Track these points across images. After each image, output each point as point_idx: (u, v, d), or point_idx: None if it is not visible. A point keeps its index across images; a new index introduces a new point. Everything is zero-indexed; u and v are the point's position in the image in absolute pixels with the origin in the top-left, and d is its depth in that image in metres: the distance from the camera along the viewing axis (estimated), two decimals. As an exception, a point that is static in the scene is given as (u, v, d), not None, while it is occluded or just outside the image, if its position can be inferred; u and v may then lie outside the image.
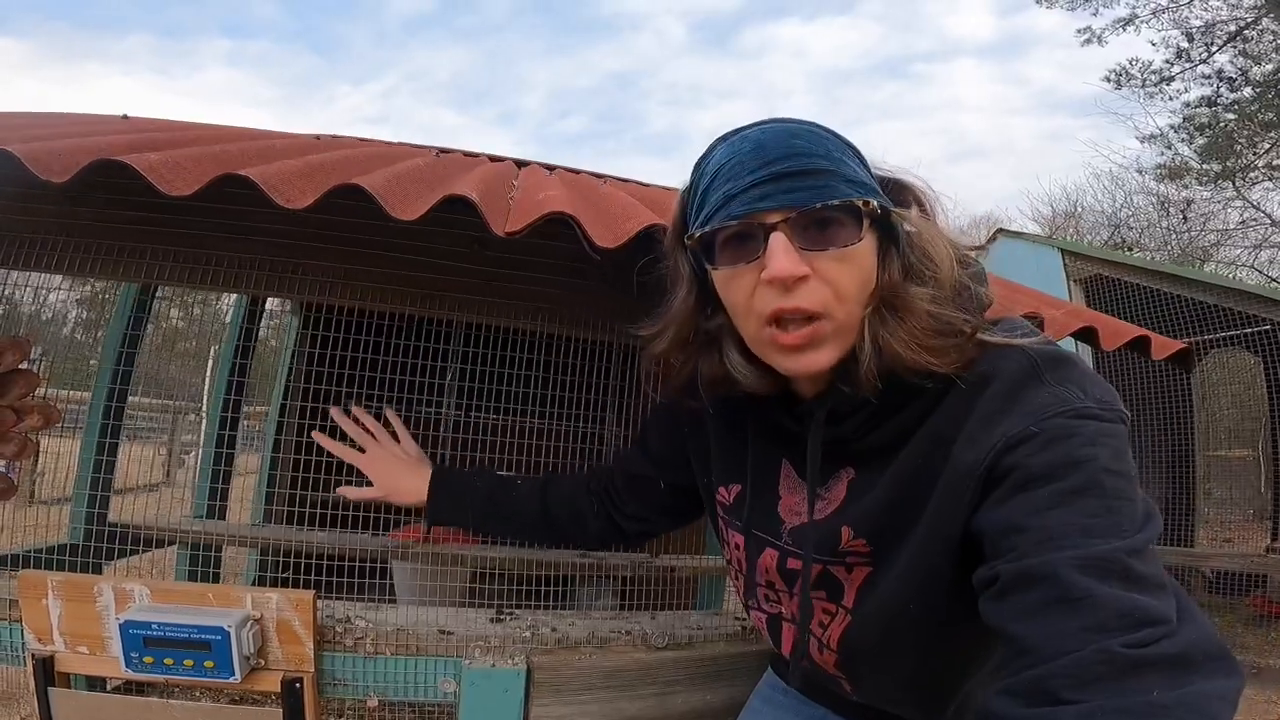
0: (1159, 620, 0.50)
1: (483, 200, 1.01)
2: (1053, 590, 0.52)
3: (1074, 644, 0.49)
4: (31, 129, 1.03)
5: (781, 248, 0.62)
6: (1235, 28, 10.61)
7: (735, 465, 0.86)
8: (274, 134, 1.44)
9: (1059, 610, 0.51)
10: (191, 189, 0.83)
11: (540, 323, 1.38)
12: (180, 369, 2.44)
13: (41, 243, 1.21)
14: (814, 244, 0.63)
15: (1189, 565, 3.99)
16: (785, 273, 0.62)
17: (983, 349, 0.65)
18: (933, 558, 0.66)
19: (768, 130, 0.66)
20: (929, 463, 0.66)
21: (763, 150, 0.64)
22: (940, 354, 0.64)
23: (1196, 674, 0.48)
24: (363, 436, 1.11)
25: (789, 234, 0.63)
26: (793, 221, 0.63)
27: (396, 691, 1.25)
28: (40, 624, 1.13)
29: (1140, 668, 0.47)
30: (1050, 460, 0.57)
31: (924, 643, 0.72)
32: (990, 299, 0.70)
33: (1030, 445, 0.58)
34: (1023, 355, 0.64)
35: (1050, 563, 0.53)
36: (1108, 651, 0.48)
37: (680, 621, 1.42)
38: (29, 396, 1.21)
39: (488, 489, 1.07)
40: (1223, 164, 11.38)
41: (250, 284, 1.30)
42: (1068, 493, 0.55)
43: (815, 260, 0.63)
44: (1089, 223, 15.67)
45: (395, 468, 1.09)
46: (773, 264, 0.62)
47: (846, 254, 0.64)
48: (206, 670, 1.09)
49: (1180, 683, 0.47)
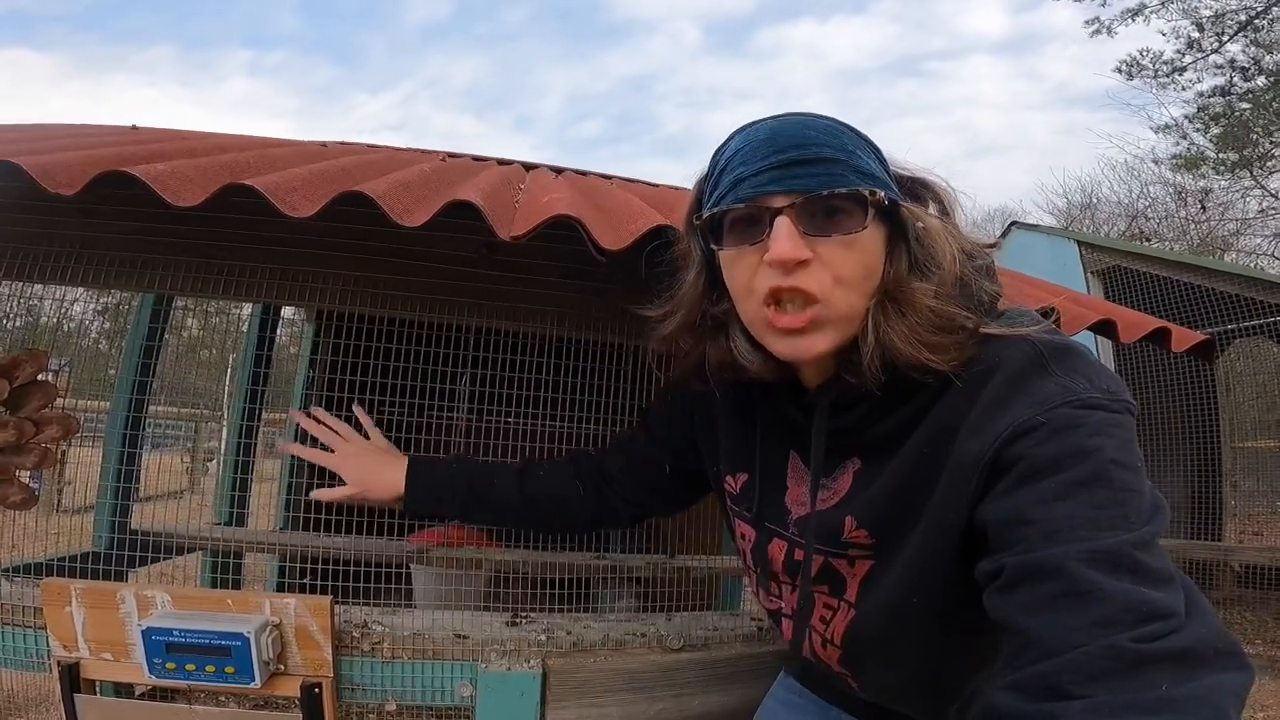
0: (1168, 614, 0.49)
1: (488, 205, 1.01)
2: (1060, 584, 0.51)
3: (1082, 638, 0.48)
4: (41, 141, 1.05)
5: (785, 231, 0.63)
6: (1245, 17, 10.45)
7: (743, 455, 0.86)
8: (281, 142, 1.46)
9: (1066, 604, 0.50)
10: (198, 199, 0.83)
11: (550, 326, 1.38)
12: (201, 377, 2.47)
13: (55, 255, 1.22)
14: (819, 230, 0.64)
15: (1217, 559, 3.93)
16: (787, 255, 0.63)
17: (986, 341, 0.65)
18: (936, 549, 0.65)
19: (784, 121, 0.67)
20: (933, 453, 0.65)
21: (776, 138, 0.65)
22: (940, 350, 0.64)
23: (1206, 668, 0.47)
24: (328, 435, 1.10)
25: (794, 218, 0.64)
26: (799, 206, 0.64)
27: (414, 696, 1.25)
28: (65, 631, 1.15)
29: (1148, 662, 0.47)
30: (1056, 451, 0.56)
31: (927, 637, 0.71)
32: (997, 293, 0.69)
33: (1036, 435, 0.58)
34: (1028, 345, 0.63)
35: (1057, 556, 0.52)
36: (1116, 646, 0.47)
37: (696, 623, 1.41)
38: (48, 408, 1.23)
39: (467, 478, 1.06)
40: (1239, 153, 11.23)
41: (261, 292, 1.31)
42: (1074, 484, 0.54)
43: (818, 245, 0.64)
44: (1105, 214, 15.51)
45: (368, 463, 1.07)
46: (775, 246, 0.63)
47: (850, 241, 0.64)
48: (227, 676, 1.10)
49: (1189, 677, 0.47)
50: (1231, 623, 3.95)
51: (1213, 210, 12.95)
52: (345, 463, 1.08)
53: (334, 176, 1.00)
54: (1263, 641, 3.67)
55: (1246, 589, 3.97)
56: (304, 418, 1.11)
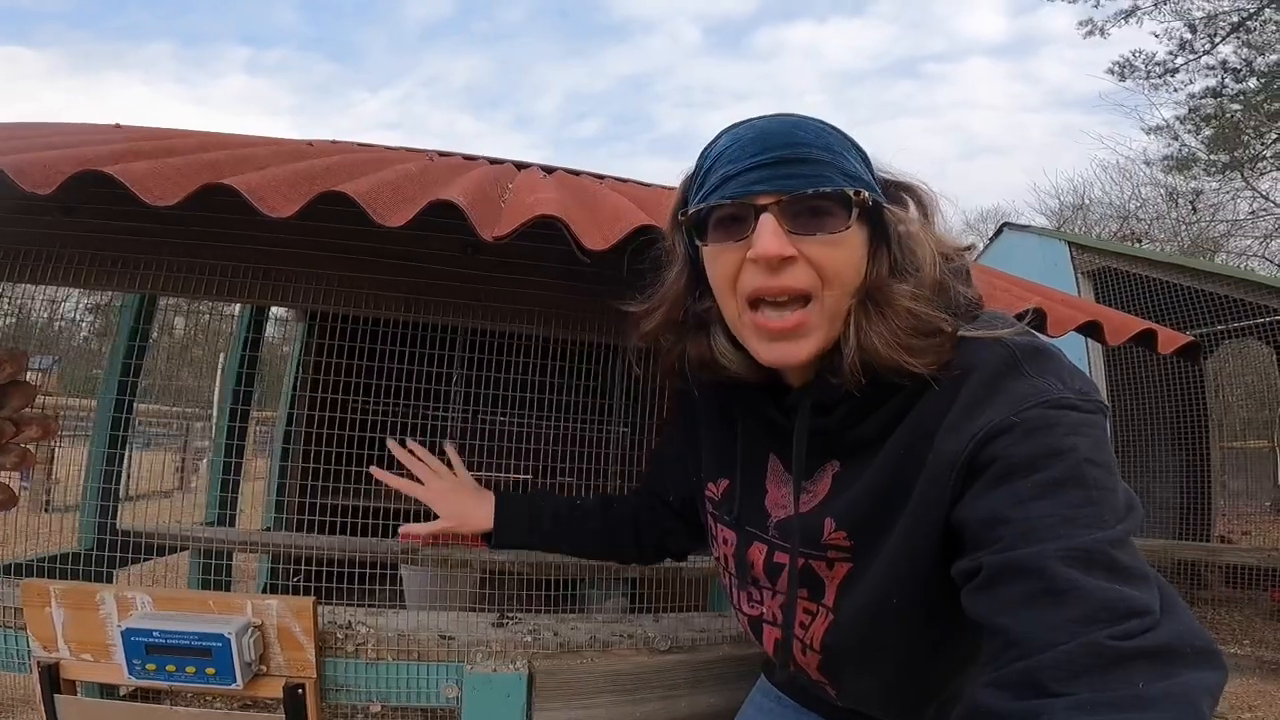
0: (1144, 611, 0.49)
1: (472, 205, 1.01)
2: (1038, 582, 0.51)
3: (1061, 636, 0.49)
4: (21, 140, 1.04)
5: (770, 229, 0.64)
6: (1238, 18, 10.49)
7: (724, 460, 0.86)
8: (265, 140, 1.45)
9: (1044, 602, 0.51)
10: (176, 199, 0.83)
11: (536, 326, 1.38)
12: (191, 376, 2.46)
13: (36, 254, 1.21)
14: (803, 229, 0.64)
15: (1206, 560, 3.95)
16: (771, 251, 0.63)
17: (963, 343, 0.65)
18: (914, 549, 0.65)
19: (773, 121, 0.68)
20: (911, 454, 0.65)
21: (763, 138, 0.66)
22: (918, 354, 0.64)
23: (1182, 666, 0.48)
24: (420, 468, 1.11)
25: (779, 216, 0.64)
26: (784, 205, 0.64)
27: (399, 697, 1.25)
28: (45, 632, 1.14)
29: (1127, 660, 0.47)
30: (1031, 451, 0.57)
31: (905, 640, 0.72)
32: (973, 297, 0.70)
33: (1011, 436, 0.58)
34: (1002, 347, 0.64)
35: (1035, 554, 0.52)
36: (1095, 643, 0.48)
37: (684, 625, 1.41)
38: (28, 408, 1.23)
39: (553, 510, 1.08)
40: (1230, 154, 11.27)
41: (245, 292, 1.30)
42: (1049, 484, 0.55)
43: (803, 244, 0.64)
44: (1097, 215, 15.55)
45: (460, 498, 1.09)
46: (759, 243, 0.64)
47: (834, 240, 0.65)
48: (208, 677, 1.10)
49: (1166, 674, 0.47)
50: (1219, 623, 3.97)
51: (1203, 211, 13.00)
52: (440, 498, 1.09)
53: (316, 176, 1.00)
54: (1250, 642, 3.69)
55: (1234, 589, 3.99)
56: (399, 449, 1.11)
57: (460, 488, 1.10)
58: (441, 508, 1.08)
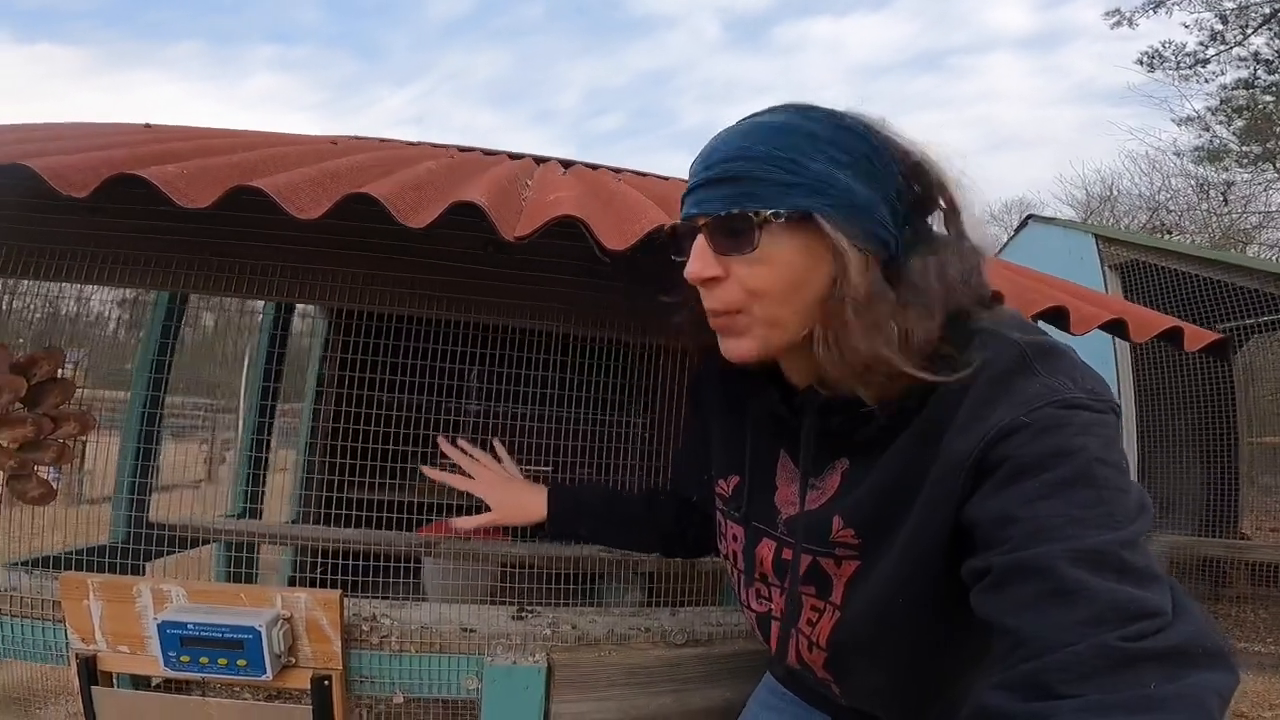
0: (1154, 613, 0.49)
1: (493, 204, 1.02)
2: (1047, 583, 0.51)
3: (1070, 637, 0.48)
4: (53, 142, 1.06)
5: (697, 250, 0.67)
6: (1270, 10, 10.24)
7: (734, 457, 0.87)
8: (291, 138, 1.47)
9: (1054, 603, 0.50)
10: (207, 201, 0.85)
11: (558, 324, 1.39)
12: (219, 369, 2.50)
13: (69, 254, 1.24)
14: (724, 249, 0.67)
15: (1231, 556, 3.88)
16: (692, 273, 0.67)
17: (972, 342, 0.65)
18: (922, 549, 0.65)
19: (728, 132, 0.69)
20: (920, 454, 0.65)
21: (708, 155, 0.68)
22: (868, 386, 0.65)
23: (1193, 667, 0.47)
24: (469, 463, 1.13)
25: (708, 236, 0.67)
26: (710, 226, 0.67)
27: (421, 689, 1.27)
28: (83, 624, 1.17)
29: (1137, 661, 0.47)
30: (1041, 451, 0.56)
31: (912, 639, 0.72)
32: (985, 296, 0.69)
33: (1021, 436, 0.58)
34: (1013, 347, 0.63)
35: (1044, 555, 0.52)
36: (1105, 645, 0.47)
37: (700, 619, 1.42)
38: (65, 404, 1.26)
39: (605, 500, 1.12)
40: (1263, 145, 11.03)
41: (273, 290, 1.33)
42: (1060, 484, 0.55)
43: (729, 263, 0.67)
44: (1125, 206, 15.26)
45: (510, 490, 1.11)
46: (688, 265, 0.68)
47: (752, 259, 0.66)
48: (240, 669, 1.13)
49: (1177, 676, 0.47)
50: (1243, 620, 3.91)
51: (1235, 203, 12.74)
52: (490, 490, 1.11)
53: (342, 176, 1.01)
54: (1274, 639, 3.62)
55: (1262, 586, 3.92)
56: (448, 445, 1.14)
57: (508, 480, 1.13)
58: (492, 499, 1.10)
